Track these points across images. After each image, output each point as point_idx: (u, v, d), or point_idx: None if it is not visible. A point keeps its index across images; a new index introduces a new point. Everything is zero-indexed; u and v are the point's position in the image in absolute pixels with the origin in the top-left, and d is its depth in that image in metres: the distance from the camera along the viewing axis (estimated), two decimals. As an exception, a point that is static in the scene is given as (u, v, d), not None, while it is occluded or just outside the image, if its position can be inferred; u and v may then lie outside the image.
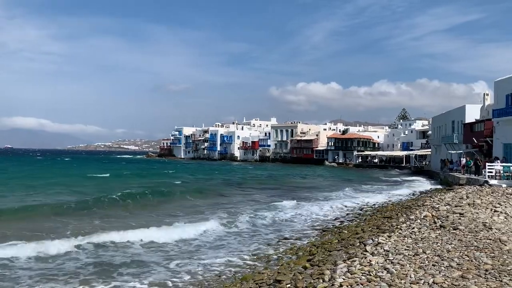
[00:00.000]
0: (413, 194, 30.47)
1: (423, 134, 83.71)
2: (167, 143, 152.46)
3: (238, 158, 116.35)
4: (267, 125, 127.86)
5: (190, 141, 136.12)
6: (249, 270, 10.93)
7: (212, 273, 10.77)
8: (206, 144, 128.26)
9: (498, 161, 28.80)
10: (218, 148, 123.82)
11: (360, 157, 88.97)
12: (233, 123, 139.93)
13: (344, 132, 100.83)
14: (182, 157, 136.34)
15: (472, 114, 44.34)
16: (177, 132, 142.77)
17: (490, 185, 24.36)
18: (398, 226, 12.44)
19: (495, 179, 26.18)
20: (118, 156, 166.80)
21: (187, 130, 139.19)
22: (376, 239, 10.51)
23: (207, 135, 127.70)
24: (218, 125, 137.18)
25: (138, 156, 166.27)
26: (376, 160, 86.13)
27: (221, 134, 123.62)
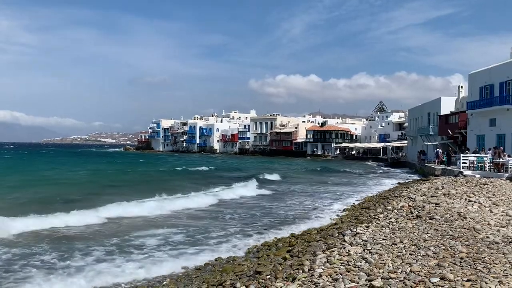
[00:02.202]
0: (391, 185, 31.00)
1: (399, 126, 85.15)
2: (145, 136, 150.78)
3: (218, 151, 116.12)
4: (246, 117, 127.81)
5: (169, 133, 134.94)
6: (229, 262, 10.93)
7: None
8: (185, 136, 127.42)
9: (468, 151, 29.52)
10: (197, 140, 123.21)
11: (338, 149, 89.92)
12: (212, 116, 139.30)
13: (323, 124, 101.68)
14: (161, 150, 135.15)
15: (447, 106, 45.28)
16: (155, 125, 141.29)
17: (464, 175, 24.96)
18: (376, 217, 12.62)
19: (469, 169, 26.83)
20: (94, 150, 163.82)
21: (166, 123, 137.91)
22: (355, 230, 10.63)
23: (186, 128, 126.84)
24: (197, 117, 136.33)
25: (117, 149, 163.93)
26: (354, 152, 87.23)
27: (200, 127, 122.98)
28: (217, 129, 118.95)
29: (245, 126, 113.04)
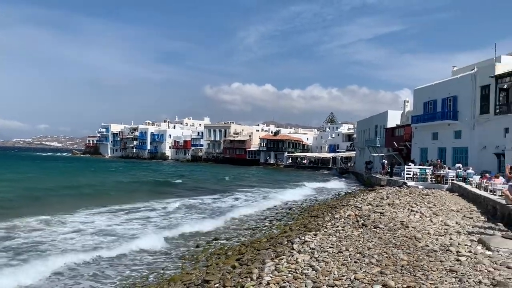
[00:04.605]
0: (338, 194, 31.82)
1: (349, 137, 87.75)
2: (93, 141, 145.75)
3: (169, 158, 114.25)
4: (200, 124, 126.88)
5: (118, 139, 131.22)
6: (177, 271, 10.76)
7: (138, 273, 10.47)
8: (135, 142, 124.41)
9: (412, 164, 30.93)
10: (148, 147, 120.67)
11: (290, 158, 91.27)
12: (164, 122, 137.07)
13: (276, 133, 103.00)
14: (109, 155, 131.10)
15: (394, 119, 47.20)
16: (104, 129, 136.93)
17: (408, 186, 26.06)
18: (324, 225, 12.89)
19: (413, 180, 28.08)
20: (37, 154, 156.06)
21: (115, 127, 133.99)
22: (303, 238, 10.81)
23: (137, 133, 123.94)
24: (149, 123, 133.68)
25: (64, 154, 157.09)
26: (305, 161, 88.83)
27: (151, 133, 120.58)
28: (169, 135, 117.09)
29: (198, 133, 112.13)
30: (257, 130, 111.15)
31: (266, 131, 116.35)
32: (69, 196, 25.89)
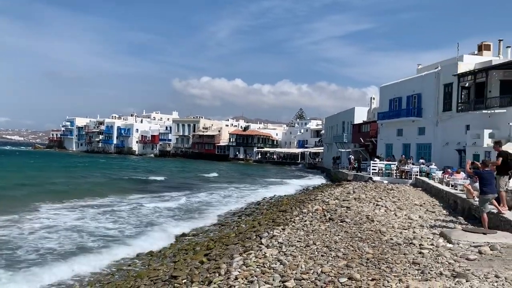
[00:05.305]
0: (307, 189, 32.19)
1: (317, 133, 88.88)
2: (57, 135, 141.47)
3: (136, 152, 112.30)
4: (168, 119, 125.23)
5: (83, 132, 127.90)
6: (143, 267, 10.60)
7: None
8: (101, 136, 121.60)
9: (377, 159, 31.65)
10: (115, 141, 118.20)
11: (259, 153, 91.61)
12: (131, 115, 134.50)
13: (245, 128, 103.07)
14: (74, 149, 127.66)
15: (360, 116, 48.13)
16: (68, 123, 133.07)
17: (373, 181, 26.66)
18: (292, 219, 13.00)
19: (378, 175, 28.73)
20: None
21: (80, 121, 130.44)
22: (271, 232, 10.87)
23: (103, 127, 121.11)
24: (115, 116, 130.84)
25: (22, 148, 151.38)
26: (274, 157, 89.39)
27: (118, 127, 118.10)
28: (137, 129, 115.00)
29: (166, 127, 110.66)
30: (227, 125, 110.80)
31: (236, 126, 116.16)
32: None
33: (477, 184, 11.50)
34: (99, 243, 12.95)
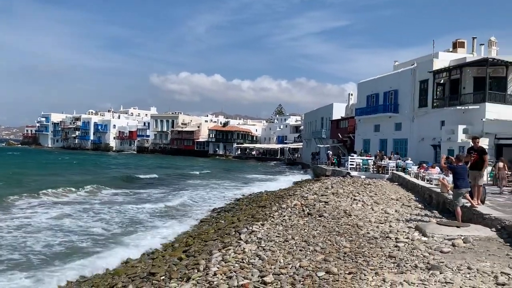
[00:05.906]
0: (286, 184, 32.34)
1: (296, 128, 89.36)
2: (32, 131, 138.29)
3: (114, 149, 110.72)
4: (146, 114, 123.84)
5: (59, 128, 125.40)
6: (121, 265, 10.50)
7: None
8: (77, 132, 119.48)
9: (355, 155, 32.09)
10: (91, 137, 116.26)
11: (239, 149, 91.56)
12: (109, 111, 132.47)
13: (225, 124, 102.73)
14: (50, 146, 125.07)
15: (339, 111, 48.65)
16: (44, 119, 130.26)
17: (351, 176, 27.00)
18: (271, 215, 13.04)
19: (356, 170, 29.12)
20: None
21: (56, 117, 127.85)
22: (251, 228, 10.89)
23: (79, 123, 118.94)
24: (92, 112, 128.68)
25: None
26: (254, 152, 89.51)
27: (94, 123, 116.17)
28: (114, 125, 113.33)
29: (144, 123, 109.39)
30: (206, 121, 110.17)
31: (215, 122, 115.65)
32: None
33: (450, 178, 11.77)
34: (68, 244, 12.74)
